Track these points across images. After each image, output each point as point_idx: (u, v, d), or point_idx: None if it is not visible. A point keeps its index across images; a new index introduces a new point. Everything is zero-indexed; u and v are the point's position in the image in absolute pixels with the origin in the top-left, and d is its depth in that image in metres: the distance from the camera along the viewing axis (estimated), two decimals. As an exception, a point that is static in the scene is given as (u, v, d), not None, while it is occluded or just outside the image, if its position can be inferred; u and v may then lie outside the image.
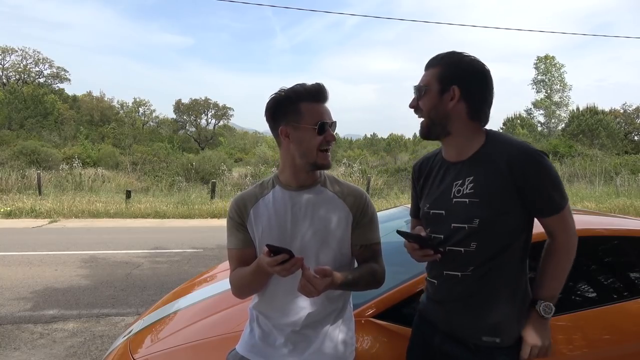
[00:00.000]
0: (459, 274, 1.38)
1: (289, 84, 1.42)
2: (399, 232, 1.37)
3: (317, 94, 1.36)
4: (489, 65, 1.39)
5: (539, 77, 40.61)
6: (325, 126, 1.37)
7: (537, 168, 1.29)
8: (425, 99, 1.37)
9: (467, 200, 1.33)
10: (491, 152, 1.34)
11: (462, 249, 1.35)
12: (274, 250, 1.24)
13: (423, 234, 1.44)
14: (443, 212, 1.39)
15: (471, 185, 1.33)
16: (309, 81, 1.41)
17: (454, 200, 1.36)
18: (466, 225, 1.33)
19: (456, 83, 1.34)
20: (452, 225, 1.36)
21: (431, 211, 1.44)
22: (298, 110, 1.35)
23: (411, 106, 1.43)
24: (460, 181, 1.36)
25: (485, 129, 1.41)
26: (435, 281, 1.46)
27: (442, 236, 1.40)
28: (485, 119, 1.39)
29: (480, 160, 1.35)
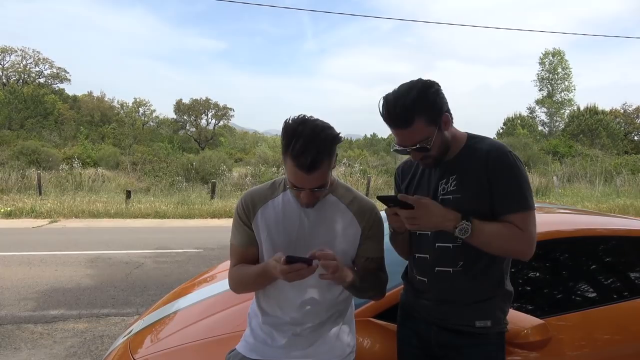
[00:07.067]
0: (451, 269, 1.43)
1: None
2: (379, 197, 1.35)
3: (301, 165, 1.25)
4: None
5: (542, 73, 39.91)
6: (299, 190, 1.33)
7: (509, 167, 1.34)
8: (434, 147, 1.38)
9: (450, 197, 1.39)
10: (472, 152, 1.41)
11: (450, 245, 1.40)
12: (290, 261, 1.24)
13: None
14: None
15: (454, 182, 1.40)
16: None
17: (440, 197, 1.41)
18: None
19: (443, 111, 1.37)
20: None
21: None
22: (285, 159, 1.30)
23: (418, 158, 1.42)
24: (445, 179, 1.42)
25: (466, 132, 1.48)
26: (426, 279, 1.50)
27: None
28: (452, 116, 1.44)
29: (462, 160, 1.42)
